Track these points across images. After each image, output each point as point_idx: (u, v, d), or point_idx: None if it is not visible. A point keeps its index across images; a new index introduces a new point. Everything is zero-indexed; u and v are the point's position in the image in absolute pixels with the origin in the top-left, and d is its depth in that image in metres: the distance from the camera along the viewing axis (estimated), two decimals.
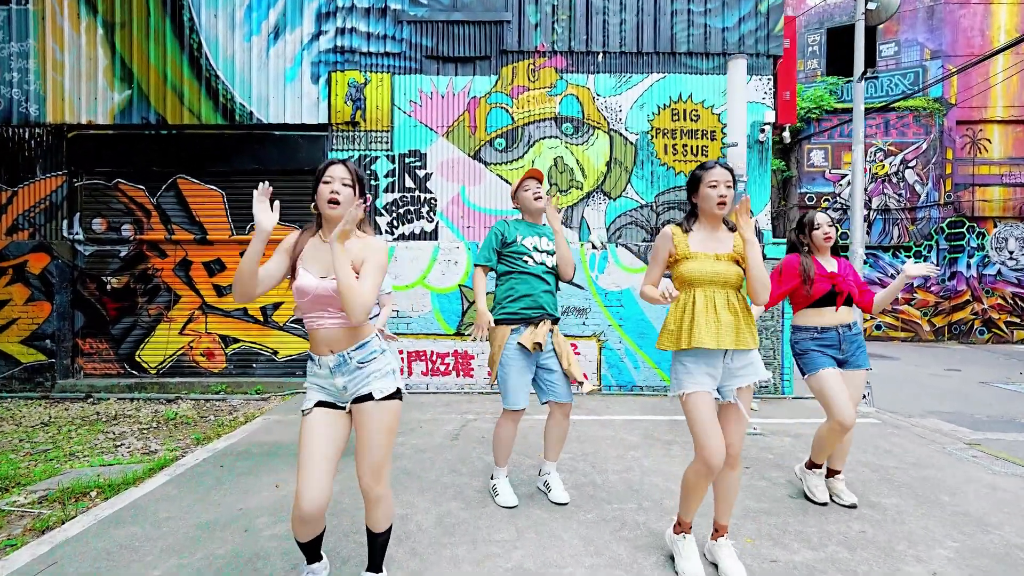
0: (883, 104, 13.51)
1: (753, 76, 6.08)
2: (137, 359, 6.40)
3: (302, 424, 1.95)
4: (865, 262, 13.90)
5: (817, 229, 3.08)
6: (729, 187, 2.27)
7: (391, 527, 2.08)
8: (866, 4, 5.42)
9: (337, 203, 1.94)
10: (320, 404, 1.97)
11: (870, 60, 14.98)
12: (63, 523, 2.80)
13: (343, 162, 2.02)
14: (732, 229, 2.34)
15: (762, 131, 6.00)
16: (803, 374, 3.10)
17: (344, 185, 1.97)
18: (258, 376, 6.35)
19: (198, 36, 6.21)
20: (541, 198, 3.04)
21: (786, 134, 6.94)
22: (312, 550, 2.06)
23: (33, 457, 3.97)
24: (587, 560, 2.43)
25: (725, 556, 2.30)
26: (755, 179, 6.10)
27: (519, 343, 2.88)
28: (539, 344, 2.85)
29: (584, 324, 6.14)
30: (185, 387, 6.17)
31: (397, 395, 1.98)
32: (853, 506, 3.04)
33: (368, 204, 3.52)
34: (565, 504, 3.01)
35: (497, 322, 2.93)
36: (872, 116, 13.95)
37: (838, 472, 3.19)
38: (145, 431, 4.70)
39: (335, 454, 1.91)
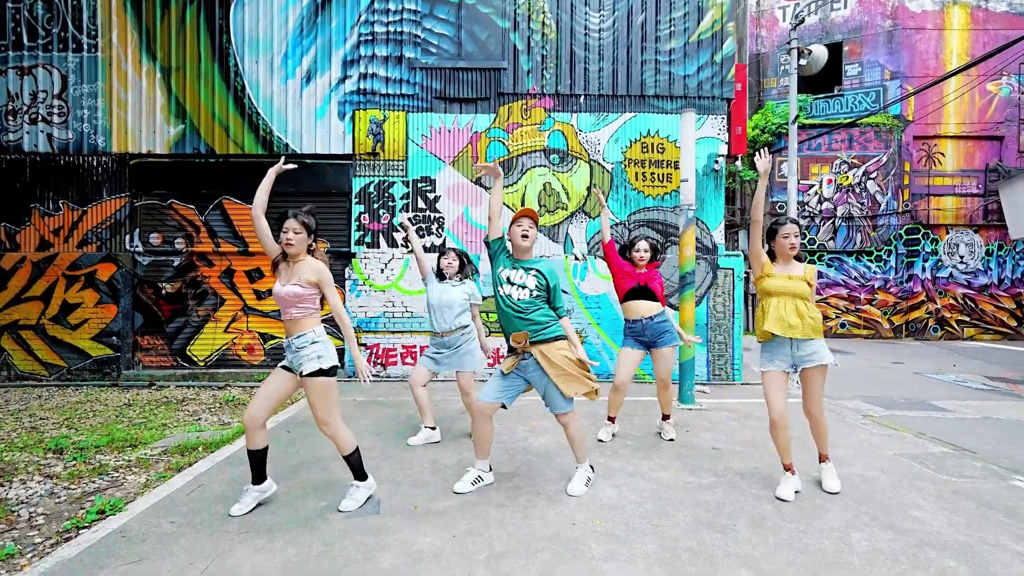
0: (848, 120, 14.80)
1: (709, 115, 7.29)
2: (188, 353, 7.51)
3: (273, 371, 3.17)
4: (830, 265, 15.26)
5: (637, 252, 4.46)
6: (797, 236, 3.39)
7: (355, 451, 3.19)
8: (798, 60, 6.62)
9: (292, 246, 3.10)
10: (285, 367, 3.15)
11: (835, 79, 16.29)
12: (191, 465, 3.94)
13: (295, 216, 3.16)
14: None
15: (716, 162, 7.20)
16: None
17: (296, 233, 3.12)
18: None
19: (242, 79, 7.33)
20: (528, 237, 3.31)
21: (739, 163, 8.13)
22: (257, 466, 3.13)
23: (135, 427, 5.08)
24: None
25: (826, 475, 3.54)
26: (711, 201, 7.31)
27: (502, 371, 3.37)
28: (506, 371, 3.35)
29: None
30: (231, 376, 7.30)
31: (322, 373, 3.02)
32: (671, 440, 4.52)
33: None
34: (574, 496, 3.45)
35: None
36: (837, 131, 15.24)
37: (667, 416, 4.65)
38: (213, 409, 5.82)
39: (275, 394, 3.08)
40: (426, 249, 7.37)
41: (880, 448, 4.45)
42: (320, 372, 3.06)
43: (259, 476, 3.17)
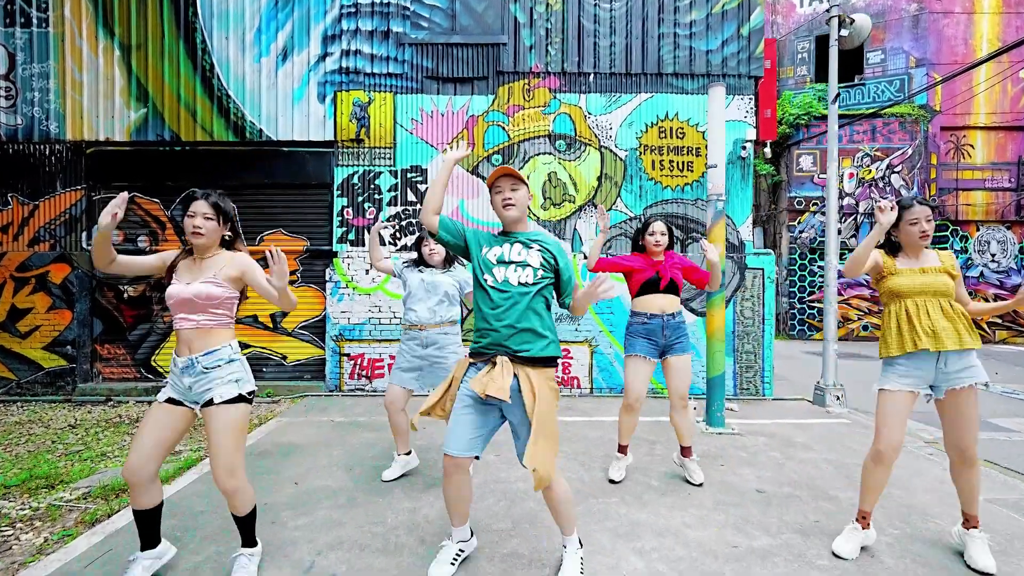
0: (871, 111, 13.91)
1: (735, 96, 6.45)
2: (153, 364, 6.74)
3: (150, 408, 2.35)
4: None
5: (652, 235, 3.57)
6: (929, 221, 2.61)
7: (254, 509, 2.45)
8: (839, 31, 5.78)
9: (200, 235, 2.30)
10: (169, 400, 2.33)
11: (857, 67, 15.37)
12: (109, 516, 3.15)
13: (205, 198, 2.35)
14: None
15: (743, 148, 6.37)
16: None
17: (206, 219, 2.32)
18: (268, 380, 6.69)
19: (210, 58, 6.54)
20: (515, 204, 2.37)
21: (767, 149, 7.30)
22: (147, 528, 2.37)
23: (68, 457, 4.31)
24: None
25: (975, 547, 2.63)
26: (737, 193, 6.47)
27: (472, 394, 2.29)
28: (493, 395, 2.16)
29: (577, 330, 6.50)
30: None
31: (240, 400, 2.29)
32: (700, 484, 3.59)
33: (388, 225, 3.92)
34: None
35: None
36: (859, 122, 14.35)
37: (688, 449, 3.70)
38: None
39: (165, 439, 2.28)
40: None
41: None
42: (239, 399, 2.30)
43: (150, 539, 2.41)
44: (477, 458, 2.35)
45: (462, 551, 2.58)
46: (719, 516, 3.19)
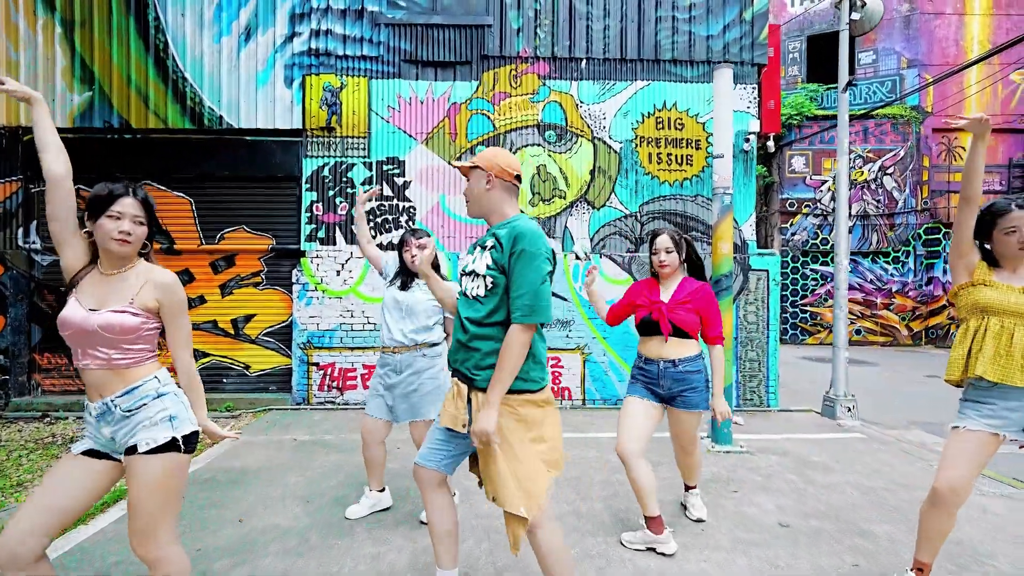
0: (862, 112, 13.68)
1: (738, 85, 6.00)
2: None
3: (57, 463, 1.76)
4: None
5: (655, 255, 2.83)
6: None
7: None
8: (850, 14, 5.37)
9: (128, 243, 1.75)
10: (89, 452, 1.75)
11: (850, 69, 15.19)
12: None
13: (134, 194, 1.81)
14: None
15: (747, 140, 5.93)
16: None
17: (138, 224, 1.78)
18: (228, 392, 6.07)
19: (164, 36, 5.93)
20: (466, 198, 2.06)
21: (770, 143, 6.91)
22: None
23: None
24: None
25: None
26: (740, 188, 6.03)
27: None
28: (446, 424, 1.97)
29: (568, 337, 5.99)
30: None
31: (174, 447, 1.72)
32: (700, 520, 3.10)
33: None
34: None
35: None
36: (851, 123, 14.11)
37: (692, 487, 3.21)
38: None
39: (66, 508, 1.67)
40: (395, 247, 6.02)
41: (1013, 522, 3.17)
42: (171, 444, 1.71)
43: None
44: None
45: None
46: (741, 557, 2.69)
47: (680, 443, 2.97)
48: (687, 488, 3.21)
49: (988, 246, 2.21)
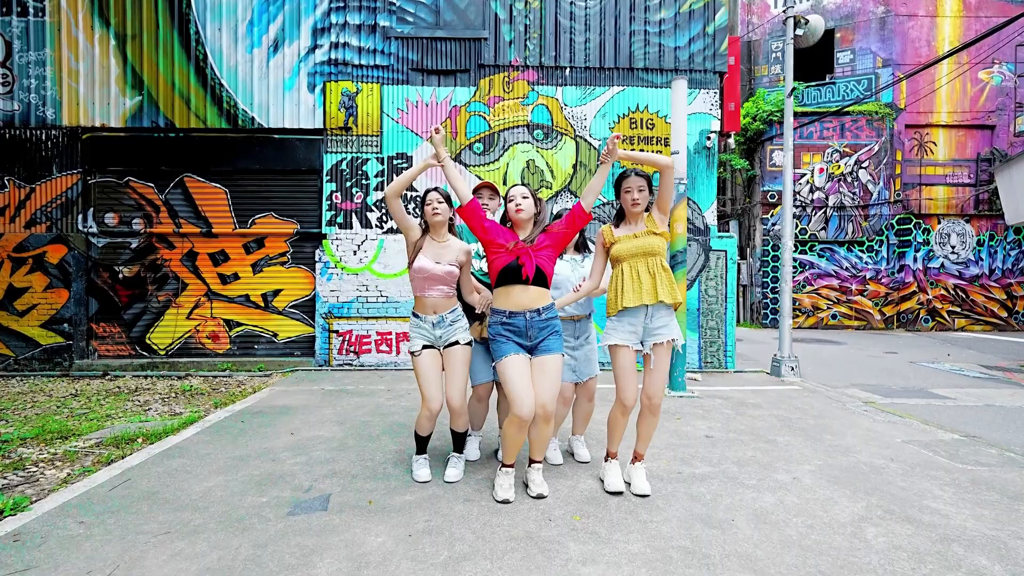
0: (839, 108, 14.54)
1: (701, 90, 6.92)
2: (147, 341, 7.02)
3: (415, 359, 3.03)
4: (821, 255, 15.03)
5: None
6: (642, 191, 2.86)
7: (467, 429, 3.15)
8: (795, 30, 6.26)
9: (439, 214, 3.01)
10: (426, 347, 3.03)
11: (827, 66, 16.03)
12: (123, 458, 3.50)
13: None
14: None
15: (708, 139, 6.84)
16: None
17: (440, 202, 3.00)
18: (260, 356, 7.02)
19: (204, 48, 6.83)
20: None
21: (731, 141, 7.79)
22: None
23: (75, 418, 4.62)
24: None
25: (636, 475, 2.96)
26: (702, 180, 6.95)
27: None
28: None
29: None
30: (193, 366, 6.82)
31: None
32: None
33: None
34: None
35: None
36: (828, 119, 14.99)
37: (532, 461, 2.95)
38: (166, 399, 5.36)
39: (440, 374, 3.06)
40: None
41: (886, 435, 4.12)
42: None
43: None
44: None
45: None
46: (668, 453, 3.63)
47: (538, 402, 2.68)
48: (530, 461, 2.94)
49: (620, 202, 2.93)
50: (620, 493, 2.88)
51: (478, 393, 3.37)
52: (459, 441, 3.16)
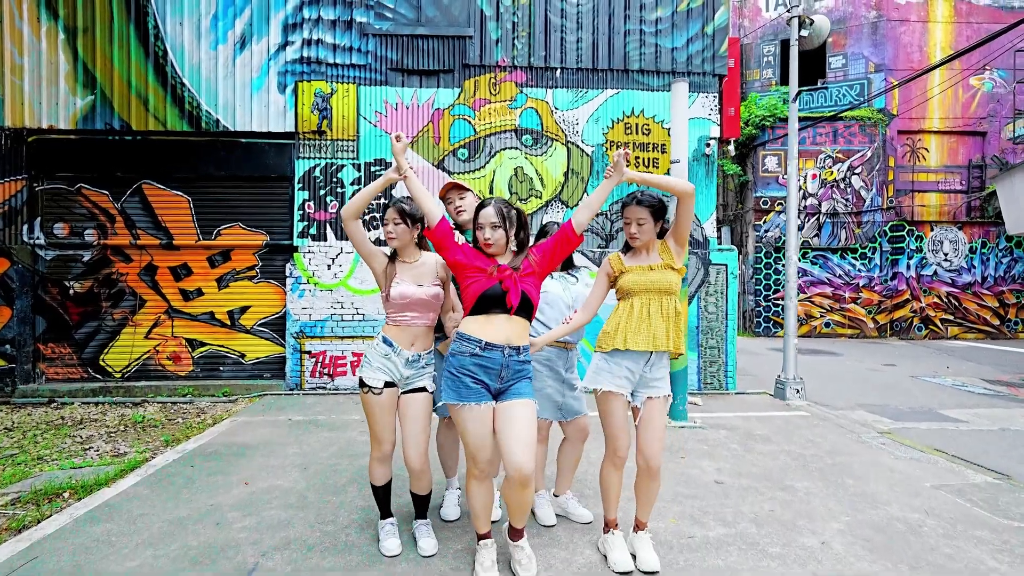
0: (831, 114, 14.31)
1: (699, 94, 6.52)
2: (101, 363, 6.43)
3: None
4: (814, 263, 14.78)
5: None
6: (642, 224, 2.39)
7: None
8: (799, 31, 5.89)
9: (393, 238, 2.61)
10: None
11: (819, 71, 15.80)
12: (39, 522, 2.96)
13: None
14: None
15: (707, 145, 6.44)
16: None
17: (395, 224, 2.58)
18: (225, 379, 6.46)
19: (163, 43, 6.28)
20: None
21: (730, 147, 7.41)
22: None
23: (0, 462, 4.05)
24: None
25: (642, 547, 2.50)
26: (701, 190, 6.54)
27: None
28: None
29: None
30: (151, 390, 6.24)
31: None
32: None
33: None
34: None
35: None
36: (821, 125, 14.74)
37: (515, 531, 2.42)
38: (113, 434, 4.80)
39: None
40: (383, 243, 6.42)
41: (913, 478, 3.72)
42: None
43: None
44: None
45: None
46: (676, 507, 3.18)
47: (512, 464, 2.16)
48: (511, 534, 2.41)
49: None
50: (630, 574, 2.42)
51: (447, 431, 2.92)
52: (422, 505, 2.68)
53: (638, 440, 2.44)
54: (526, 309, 2.29)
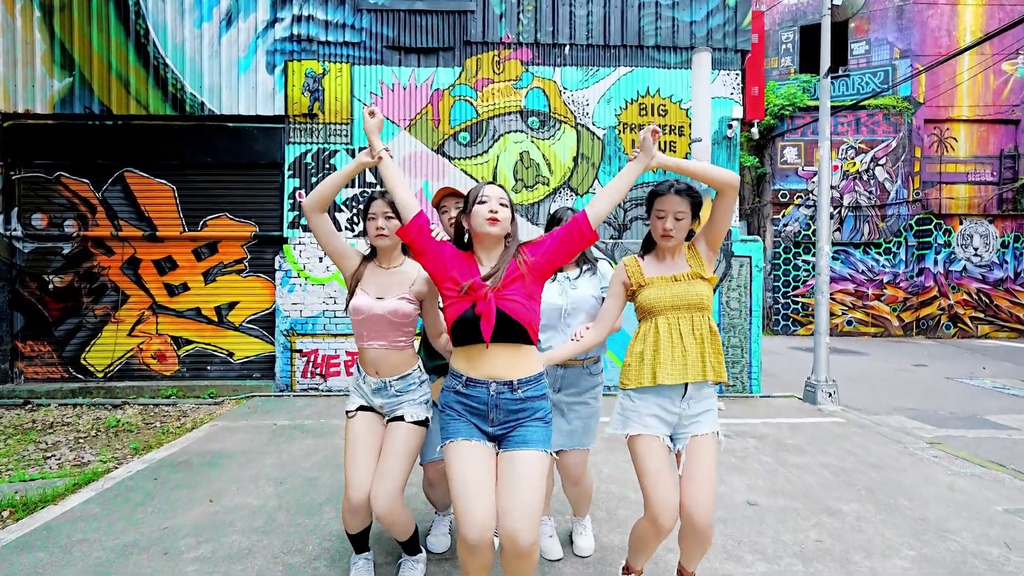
0: (854, 102, 13.66)
1: (721, 71, 5.99)
2: (83, 362, 6.07)
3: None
4: (836, 258, 14.14)
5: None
6: (680, 219, 1.90)
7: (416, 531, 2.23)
8: (831, 1, 5.36)
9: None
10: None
11: (841, 58, 15.12)
12: None
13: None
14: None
15: (730, 127, 5.92)
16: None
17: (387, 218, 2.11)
18: (212, 379, 6.07)
19: (145, 22, 5.88)
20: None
21: (754, 130, 6.90)
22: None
23: None
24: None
25: None
26: None
27: None
28: None
29: None
30: (134, 391, 5.87)
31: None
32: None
33: None
34: None
35: None
36: (843, 114, 14.08)
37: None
38: (81, 440, 4.42)
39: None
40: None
41: (978, 499, 3.20)
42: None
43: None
44: None
45: None
46: None
47: (509, 532, 1.65)
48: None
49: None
50: None
51: (429, 478, 2.48)
52: (409, 546, 2.23)
53: (681, 490, 1.92)
54: (513, 332, 1.72)
